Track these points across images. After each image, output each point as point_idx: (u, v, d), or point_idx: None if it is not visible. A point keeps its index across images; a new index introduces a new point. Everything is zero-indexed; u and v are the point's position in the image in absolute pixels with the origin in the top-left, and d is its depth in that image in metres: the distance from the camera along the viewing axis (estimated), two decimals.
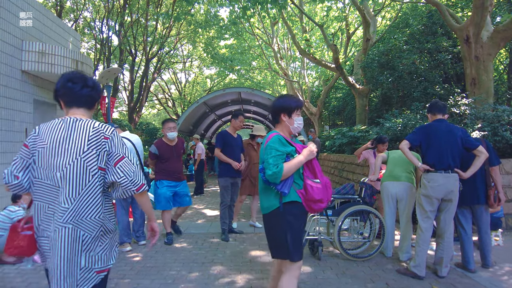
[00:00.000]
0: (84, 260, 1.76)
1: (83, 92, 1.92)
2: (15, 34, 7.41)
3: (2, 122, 6.96)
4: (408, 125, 6.72)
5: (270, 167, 2.38)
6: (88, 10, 20.44)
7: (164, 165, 5.01)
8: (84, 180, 1.75)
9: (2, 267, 3.95)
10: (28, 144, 1.82)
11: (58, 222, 1.71)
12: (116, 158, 1.84)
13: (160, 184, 5.01)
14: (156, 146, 5.00)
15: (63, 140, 1.78)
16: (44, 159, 1.77)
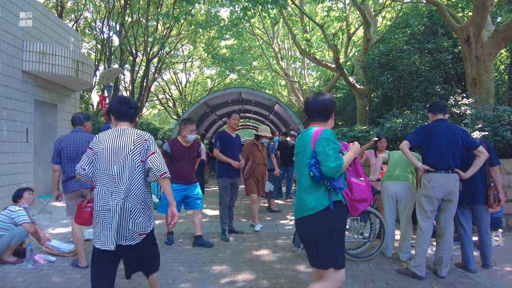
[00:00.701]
0: (131, 224, 2.54)
1: (129, 112, 2.70)
2: (16, 35, 7.43)
3: (3, 122, 6.97)
4: (409, 125, 6.72)
5: (332, 159, 2.24)
6: (89, 10, 20.47)
7: (175, 166, 4.70)
8: (132, 170, 2.56)
9: (3, 267, 3.96)
10: (92, 147, 2.60)
11: (116, 198, 2.51)
12: (149, 152, 2.60)
13: None
14: (169, 144, 4.76)
15: (117, 143, 2.56)
16: (104, 157, 2.54)
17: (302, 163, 2.44)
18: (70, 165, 3.91)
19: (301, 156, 2.47)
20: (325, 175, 2.26)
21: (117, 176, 2.52)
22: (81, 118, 4.17)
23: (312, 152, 2.36)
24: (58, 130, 9.09)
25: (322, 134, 2.36)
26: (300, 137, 2.57)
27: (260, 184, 5.91)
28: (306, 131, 2.51)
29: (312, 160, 2.34)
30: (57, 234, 5.37)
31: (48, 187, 8.70)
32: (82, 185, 3.94)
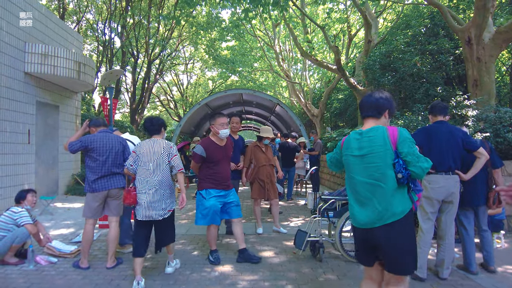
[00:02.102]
0: (163, 204, 3.59)
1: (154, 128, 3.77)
2: (18, 36, 7.46)
3: (5, 123, 7.00)
4: (410, 126, 6.71)
5: (422, 159, 2.22)
6: (91, 12, 20.54)
7: (212, 171, 4.12)
8: (162, 166, 3.62)
9: (4, 268, 3.97)
10: (135, 151, 3.65)
11: (152, 186, 3.54)
12: (172, 155, 3.68)
13: (207, 194, 4.08)
14: (203, 146, 4.08)
15: (152, 149, 3.63)
16: (143, 157, 3.59)
17: (381, 165, 2.29)
18: (102, 165, 3.94)
19: (375, 157, 2.31)
20: (413, 176, 2.23)
21: (152, 171, 3.57)
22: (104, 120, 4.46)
23: (395, 152, 2.27)
24: (59, 132, 9.12)
25: (404, 134, 2.29)
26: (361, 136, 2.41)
27: (268, 186, 5.64)
28: (372, 130, 2.38)
29: (400, 161, 2.24)
30: (59, 235, 5.38)
31: (50, 188, 8.72)
32: (111, 186, 3.98)
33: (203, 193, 4.11)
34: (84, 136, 4.01)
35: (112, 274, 3.81)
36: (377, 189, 2.29)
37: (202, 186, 4.14)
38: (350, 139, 2.50)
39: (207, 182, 4.11)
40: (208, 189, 4.10)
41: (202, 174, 4.18)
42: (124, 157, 4.14)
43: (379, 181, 2.28)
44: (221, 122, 4.09)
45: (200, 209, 4.10)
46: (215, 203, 4.08)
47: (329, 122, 19.40)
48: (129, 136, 4.96)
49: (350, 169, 2.49)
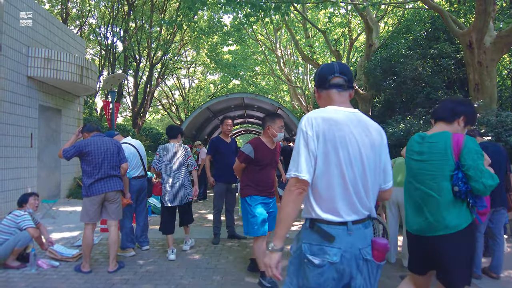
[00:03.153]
0: (184, 193, 4.58)
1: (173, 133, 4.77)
2: (21, 41, 7.51)
3: (8, 127, 7.03)
4: (411, 130, 6.71)
5: (486, 175, 2.04)
6: (94, 16, 20.67)
7: (258, 175, 3.72)
8: (181, 165, 4.62)
9: (7, 272, 3.98)
10: (159, 153, 4.62)
11: (175, 180, 4.53)
12: (188, 156, 4.73)
13: (253, 201, 3.67)
14: (253, 146, 3.67)
15: (173, 151, 4.61)
16: (166, 158, 4.57)
17: (437, 174, 2.16)
18: (98, 168, 3.93)
19: (432, 166, 2.18)
20: (474, 192, 2.05)
21: (174, 168, 4.55)
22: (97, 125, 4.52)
23: (456, 163, 2.10)
24: (62, 135, 9.15)
25: (470, 144, 2.10)
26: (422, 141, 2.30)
27: None
28: (435, 136, 2.23)
29: (459, 174, 2.08)
30: (61, 238, 5.39)
31: (52, 191, 8.74)
32: (108, 188, 3.97)
33: (247, 199, 3.68)
34: (78, 141, 4.01)
35: (114, 278, 3.81)
36: (430, 199, 2.18)
37: (245, 192, 3.72)
38: (413, 142, 2.38)
39: (252, 188, 3.71)
40: (253, 196, 3.69)
41: (245, 179, 3.76)
42: (119, 159, 4.14)
43: (433, 191, 2.17)
44: (281, 125, 3.70)
45: (248, 217, 3.64)
46: (262, 210, 3.66)
47: None
48: (131, 140, 4.98)
49: (408, 172, 2.40)
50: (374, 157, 1.66)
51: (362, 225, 1.62)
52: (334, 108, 1.68)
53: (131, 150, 4.78)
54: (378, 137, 1.71)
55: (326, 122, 1.59)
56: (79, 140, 4.05)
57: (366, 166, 1.63)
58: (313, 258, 1.58)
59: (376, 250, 1.62)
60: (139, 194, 4.87)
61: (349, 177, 1.58)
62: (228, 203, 5.49)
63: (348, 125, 1.62)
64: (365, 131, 1.67)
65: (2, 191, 6.85)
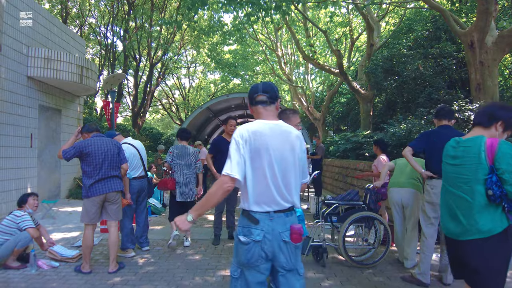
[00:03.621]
0: (191, 191, 5.10)
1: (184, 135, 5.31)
2: (21, 41, 7.50)
3: (8, 127, 7.02)
4: (413, 130, 6.69)
5: None
6: (94, 16, 20.66)
7: None
8: (191, 165, 5.12)
9: (7, 272, 3.96)
10: (172, 151, 5.08)
11: (185, 179, 5.05)
12: (198, 159, 5.17)
13: None
14: None
15: (184, 152, 5.11)
16: (178, 157, 5.03)
17: (470, 178, 2.19)
18: (98, 169, 3.91)
19: (466, 169, 2.22)
20: (509, 196, 2.05)
21: (184, 167, 5.03)
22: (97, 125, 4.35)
23: (490, 167, 2.11)
24: (62, 135, 9.14)
25: (503, 149, 2.10)
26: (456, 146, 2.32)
27: None
28: (469, 141, 2.26)
29: (493, 177, 2.08)
30: (61, 239, 5.37)
31: (52, 192, 8.73)
32: (108, 189, 3.95)
33: None
34: (78, 142, 3.97)
35: (114, 279, 3.79)
36: (464, 203, 2.21)
37: None
38: (448, 146, 2.41)
39: None
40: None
41: None
42: (120, 159, 4.12)
43: (467, 195, 2.19)
44: (297, 122, 3.43)
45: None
46: None
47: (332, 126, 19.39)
48: (132, 140, 4.96)
49: (444, 176, 2.43)
50: (294, 159, 2.05)
51: (284, 214, 1.99)
52: (261, 121, 2.07)
53: (131, 150, 4.76)
54: (298, 142, 2.08)
55: (252, 133, 1.99)
56: (79, 141, 4.02)
57: (287, 166, 2.01)
58: (242, 237, 1.97)
59: (293, 234, 1.97)
60: (139, 194, 4.85)
61: (270, 176, 1.97)
62: (229, 204, 5.47)
63: (270, 134, 2.00)
64: (286, 138, 2.05)
65: (2, 191, 6.83)
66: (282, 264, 1.98)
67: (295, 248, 2.02)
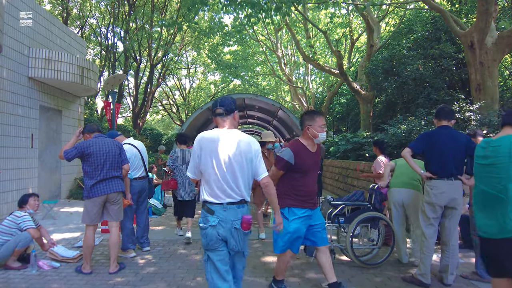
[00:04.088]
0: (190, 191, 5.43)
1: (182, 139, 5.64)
2: (22, 41, 7.51)
3: (9, 128, 7.02)
4: (413, 131, 6.70)
5: None
6: (94, 17, 20.68)
7: (298, 183, 3.26)
8: None
9: (7, 272, 3.97)
10: (172, 156, 5.44)
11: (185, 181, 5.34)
12: None
13: (291, 214, 3.23)
14: (293, 150, 3.22)
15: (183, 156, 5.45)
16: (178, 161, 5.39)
17: (503, 177, 2.24)
18: (100, 169, 3.92)
19: (498, 168, 2.27)
20: None
21: (184, 169, 5.06)
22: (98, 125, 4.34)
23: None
24: (62, 136, 9.15)
25: None
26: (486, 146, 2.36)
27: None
28: (499, 140, 2.30)
29: None
30: (61, 239, 5.38)
31: (52, 192, 8.74)
32: (110, 190, 3.95)
33: (284, 212, 3.22)
34: (80, 142, 3.97)
35: (115, 279, 3.80)
36: (498, 201, 2.25)
37: (283, 202, 3.21)
38: (478, 148, 2.46)
39: (291, 198, 3.24)
40: (292, 208, 3.21)
41: (283, 187, 3.28)
42: (121, 160, 4.12)
43: (501, 193, 2.23)
44: (322, 124, 3.27)
45: (280, 233, 3.15)
46: (299, 226, 3.22)
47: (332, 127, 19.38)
48: (133, 141, 4.97)
49: (475, 176, 2.48)
50: (242, 160, 2.44)
51: (235, 206, 2.40)
52: (216, 130, 2.52)
53: (133, 151, 4.77)
54: (247, 147, 2.46)
55: (206, 139, 2.44)
56: (81, 141, 4.03)
57: (235, 166, 2.41)
58: (201, 224, 2.43)
59: (243, 223, 2.38)
60: (140, 195, 4.85)
61: (220, 175, 2.39)
62: None
63: (221, 140, 2.43)
64: (235, 143, 2.44)
65: (3, 192, 6.84)
66: (232, 247, 2.40)
67: (244, 235, 2.43)
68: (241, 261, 2.56)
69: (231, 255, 2.47)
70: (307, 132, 3.27)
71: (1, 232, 4.07)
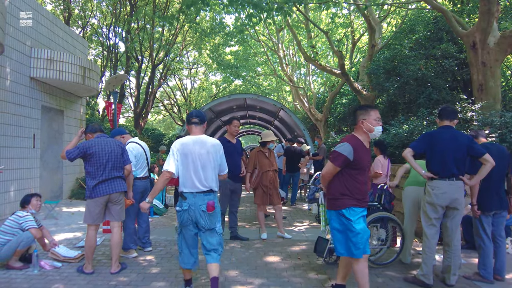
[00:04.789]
0: None
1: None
2: (24, 42, 7.52)
3: (11, 128, 7.04)
4: (415, 131, 6.68)
5: None
6: (96, 17, 20.71)
7: (356, 182, 3.05)
8: None
9: (9, 272, 3.97)
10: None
11: None
12: None
13: (352, 214, 3.02)
14: (352, 145, 3.02)
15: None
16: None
17: None
18: (102, 169, 3.92)
19: None
20: None
21: None
22: (100, 125, 4.30)
23: None
24: (64, 136, 9.16)
25: None
26: None
27: (271, 192, 5.63)
28: None
29: None
30: (63, 239, 5.39)
31: (54, 192, 8.75)
32: (112, 190, 3.96)
33: (345, 212, 3.01)
34: (82, 142, 3.98)
35: (117, 279, 3.80)
36: None
37: (342, 203, 3.03)
38: None
39: (349, 197, 3.03)
40: (352, 207, 3.02)
41: (339, 187, 3.07)
42: (123, 160, 4.13)
43: None
44: (377, 117, 3.11)
45: (349, 235, 2.98)
46: (365, 225, 3.06)
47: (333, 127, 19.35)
48: (138, 140, 4.97)
49: None
50: (209, 159, 3.23)
51: (203, 194, 3.16)
52: (190, 136, 3.29)
53: (139, 150, 4.78)
54: (212, 148, 3.27)
55: (181, 144, 3.21)
56: (83, 141, 4.04)
57: (203, 164, 3.20)
58: (177, 208, 3.22)
59: (208, 206, 3.13)
60: (143, 195, 4.84)
61: (192, 170, 3.17)
62: (231, 204, 5.47)
63: (193, 144, 3.21)
64: (203, 146, 3.24)
65: (5, 192, 6.85)
66: (202, 225, 3.16)
67: (209, 215, 3.16)
68: (213, 236, 3.22)
69: (204, 232, 3.21)
70: (362, 127, 3.12)
71: (3, 232, 4.08)
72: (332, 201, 3.14)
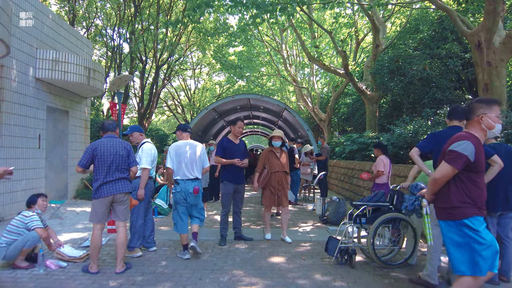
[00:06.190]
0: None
1: None
2: (30, 43, 7.57)
3: (16, 128, 7.09)
4: (419, 131, 6.66)
5: None
6: (100, 18, 20.82)
7: (476, 186, 2.68)
8: None
9: (15, 272, 4.00)
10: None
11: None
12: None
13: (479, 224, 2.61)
14: (474, 144, 2.65)
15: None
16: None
17: None
18: (106, 170, 3.95)
19: None
20: None
21: None
22: (114, 124, 4.31)
23: None
24: (69, 136, 9.21)
25: None
26: None
27: (280, 193, 5.49)
28: None
29: None
30: (68, 239, 5.41)
31: (59, 192, 8.80)
32: (116, 191, 3.98)
33: (470, 223, 2.57)
34: (88, 145, 4.03)
35: (121, 279, 3.82)
36: None
37: (465, 212, 2.60)
38: None
39: (471, 205, 2.61)
40: (476, 217, 2.59)
41: (458, 194, 2.64)
42: (129, 162, 4.15)
43: None
44: (499, 113, 2.71)
45: (476, 248, 2.52)
46: (493, 236, 2.70)
47: (337, 127, 19.33)
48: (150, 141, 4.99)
49: None
50: (195, 155, 4.66)
51: (191, 181, 4.57)
52: (182, 141, 4.75)
53: (156, 151, 4.90)
54: (198, 149, 4.70)
55: (176, 146, 4.68)
56: (90, 143, 4.09)
57: (191, 158, 4.63)
58: (173, 190, 4.60)
59: (193, 189, 4.52)
60: (152, 194, 4.99)
61: (184, 164, 4.59)
62: (235, 205, 5.47)
63: (184, 147, 4.67)
64: (191, 147, 4.68)
65: (10, 192, 6.90)
66: (190, 202, 4.57)
67: (195, 196, 4.56)
68: (196, 209, 4.70)
69: (190, 207, 4.63)
70: (480, 122, 2.69)
71: (10, 232, 4.11)
72: (448, 210, 2.66)
